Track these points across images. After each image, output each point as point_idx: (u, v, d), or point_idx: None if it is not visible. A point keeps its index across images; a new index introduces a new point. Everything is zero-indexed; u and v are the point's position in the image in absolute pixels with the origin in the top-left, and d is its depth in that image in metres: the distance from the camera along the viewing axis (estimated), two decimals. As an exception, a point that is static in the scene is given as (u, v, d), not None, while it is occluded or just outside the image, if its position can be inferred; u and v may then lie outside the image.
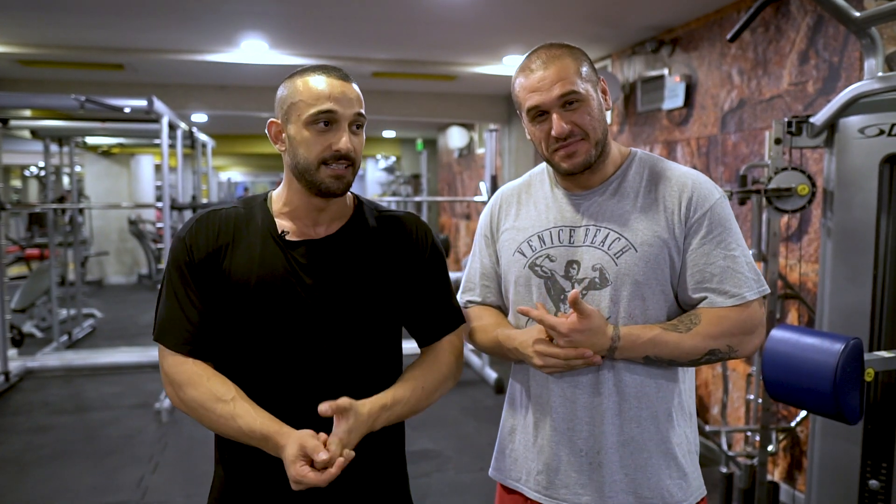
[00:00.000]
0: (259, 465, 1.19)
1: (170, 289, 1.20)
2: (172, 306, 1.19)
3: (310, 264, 1.20)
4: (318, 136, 1.15)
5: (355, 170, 1.19)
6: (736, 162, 3.57)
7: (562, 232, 1.31)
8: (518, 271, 1.33)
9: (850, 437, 2.05)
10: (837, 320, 2.12)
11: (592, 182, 1.32)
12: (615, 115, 4.85)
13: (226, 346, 1.20)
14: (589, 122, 1.24)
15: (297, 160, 1.18)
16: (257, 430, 1.11)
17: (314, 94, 1.15)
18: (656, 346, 1.21)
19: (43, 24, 4.16)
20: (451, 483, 3.41)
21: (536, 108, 1.24)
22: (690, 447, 1.33)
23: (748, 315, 1.23)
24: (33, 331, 6.75)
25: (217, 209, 1.25)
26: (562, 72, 1.22)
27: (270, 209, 1.25)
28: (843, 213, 2.11)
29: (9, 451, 3.87)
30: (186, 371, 1.17)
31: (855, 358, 1.49)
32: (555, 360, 1.21)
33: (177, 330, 1.17)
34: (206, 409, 1.14)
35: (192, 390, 1.15)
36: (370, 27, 4.26)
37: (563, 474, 1.29)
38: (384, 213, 1.32)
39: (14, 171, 14.94)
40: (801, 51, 3.12)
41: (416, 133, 11.07)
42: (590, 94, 1.24)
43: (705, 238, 1.24)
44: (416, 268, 1.30)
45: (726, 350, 1.23)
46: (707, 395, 3.84)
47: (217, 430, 1.16)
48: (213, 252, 1.19)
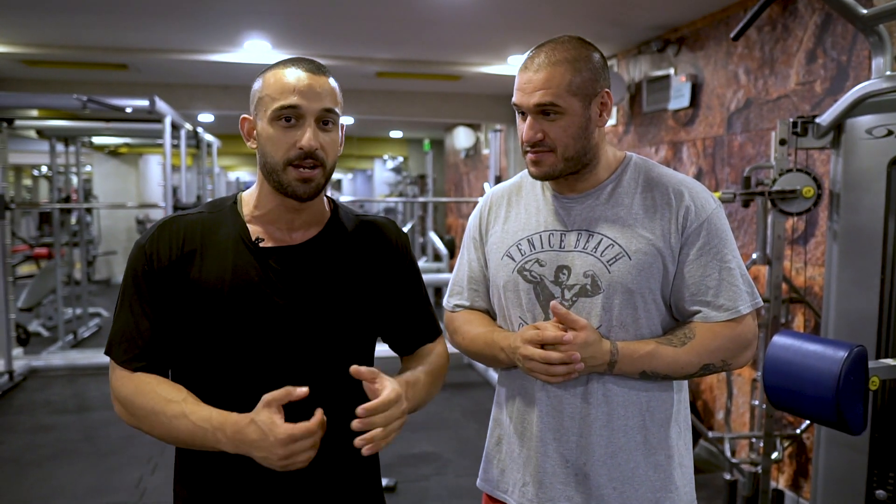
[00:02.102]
0: (224, 483, 1.14)
1: (124, 300, 1.13)
2: (126, 319, 1.12)
3: (286, 272, 1.14)
4: (283, 133, 1.09)
5: (326, 171, 1.12)
6: (742, 163, 3.51)
7: (552, 236, 1.27)
8: (506, 276, 1.29)
9: (857, 445, 2.00)
10: (843, 326, 2.07)
11: (584, 186, 1.28)
12: (621, 116, 4.80)
13: (195, 357, 1.14)
14: (560, 137, 1.20)
15: (265, 158, 1.12)
16: (214, 417, 1.05)
17: (279, 88, 1.09)
18: (653, 361, 1.19)
19: (47, 25, 4.17)
20: (450, 487, 3.37)
21: (518, 106, 1.23)
22: (682, 459, 1.29)
23: (742, 329, 1.22)
24: (40, 330, 6.77)
25: (181, 215, 1.19)
26: (549, 81, 1.18)
27: (241, 213, 1.18)
28: (850, 215, 2.06)
29: (8, 450, 3.87)
30: (133, 382, 1.11)
31: (858, 366, 1.44)
32: (539, 365, 1.16)
33: (127, 344, 1.11)
34: (156, 413, 1.07)
35: (140, 399, 1.09)
36: (373, 26, 4.24)
37: (548, 486, 1.25)
38: (362, 219, 1.27)
39: (25, 170, 15.05)
40: (809, 50, 3.06)
41: (423, 133, 11.04)
42: (573, 109, 1.19)
43: (702, 249, 1.22)
44: (396, 275, 1.25)
45: (720, 364, 1.23)
46: (712, 400, 3.78)
47: (170, 435, 1.09)
48: (177, 260, 1.12)
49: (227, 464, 1.11)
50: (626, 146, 4.73)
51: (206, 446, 1.07)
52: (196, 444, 1.08)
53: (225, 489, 1.15)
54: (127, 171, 11.44)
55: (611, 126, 4.93)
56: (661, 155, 4.29)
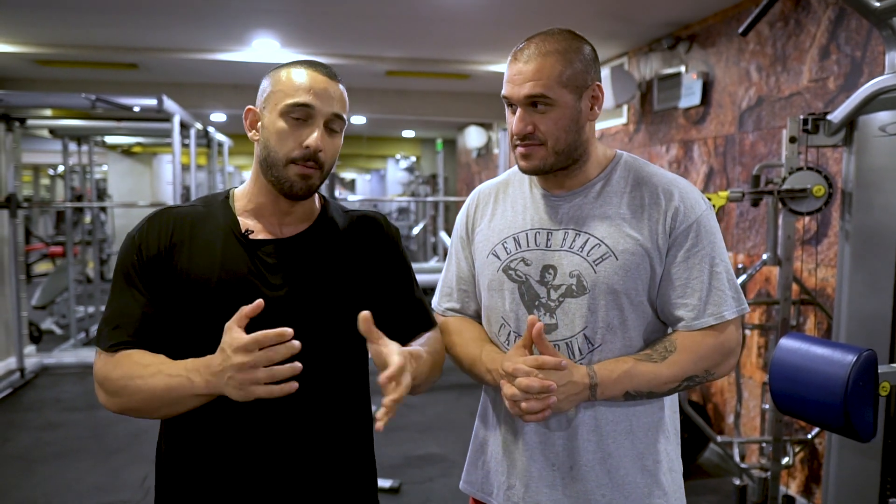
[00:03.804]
0: (213, 480, 1.12)
1: (114, 290, 1.14)
2: (114, 308, 1.13)
3: (277, 264, 1.14)
4: (292, 129, 1.11)
5: (323, 174, 1.14)
6: (754, 162, 3.45)
7: (539, 235, 1.24)
8: (491, 274, 1.27)
9: (869, 452, 1.95)
10: (856, 328, 2.02)
11: (573, 184, 1.24)
12: (631, 114, 4.74)
13: (183, 347, 1.13)
14: (551, 130, 1.17)
15: (267, 151, 1.13)
16: (188, 363, 1.04)
17: (294, 86, 1.12)
18: (634, 379, 1.15)
19: (59, 25, 4.20)
20: (455, 490, 3.33)
21: (507, 98, 1.20)
22: (672, 465, 1.26)
23: (724, 338, 1.19)
24: (53, 328, 6.83)
25: (172, 207, 1.20)
26: (540, 72, 1.15)
27: (233, 207, 1.19)
28: (863, 215, 2.01)
29: (17, 447, 3.90)
30: (113, 360, 1.09)
31: (868, 371, 1.40)
32: (520, 399, 1.10)
33: (112, 331, 1.11)
34: (132, 377, 1.05)
35: (116, 371, 1.08)
36: (381, 25, 4.22)
37: (534, 490, 1.22)
38: (352, 213, 1.28)
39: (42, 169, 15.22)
40: (822, 46, 2.99)
41: (435, 133, 11.02)
42: (564, 101, 1.16)
43: (690, 251, 1.18)
44: (387, 267, 1.25)
45: (703, 375, 1.19)
46: (722, 403, 3.72)
47: (149, 396, 1.06)
48: (164, 250, 1.13)
49: (216, 459, 1.10)
50: (636, 145, 4.67)
51: (182, 397, 1.05)
52: (173, 399, 1.05)
53: (214, 486, 1.13)
54: (141, 171, 11.52)
55: (621, 124, 4.88)
56: (672, 154, 4.23)
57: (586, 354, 1.19)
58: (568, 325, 1.20)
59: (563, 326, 1.20)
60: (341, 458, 1.18)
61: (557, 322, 1.20)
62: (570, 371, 1.12)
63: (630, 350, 1.20)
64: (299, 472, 1.13)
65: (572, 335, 1.19)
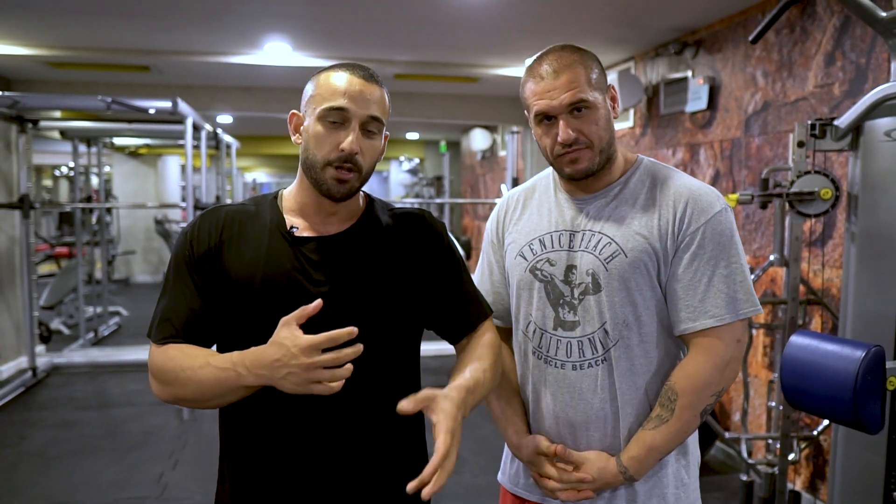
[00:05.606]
0: (270, 477, 1.15)
1: (166, 284, 1.18)
2: (166, 302, 1.16)
3: (321, 261, 1.16)
4: (329, 133, 1.13)
5: (362, 177, 1.16)
6: (760, 166, 3.51)
7: (562, 236, 1.31)
8: (520, 274, 1.34)
9: (874, 447, 2.00)
10: (861, 327, 2.07)
11: (596, 187, 1.31)
12: (638, 118, 4.81)
13: (230, 343, 1.16)
14: (595, 131, 1.23)
15: (307, 154, 1.16)
16: (235, 355, 1.06)
17: (331, 89, 1.14)
18: (659, 451, 1.24)
19: (71, 27, 4.25)
20: (467, 486, 3.40)
21: (544, 113, 1.24)
22: (680, 481, 1.31)
23: (717, 352, 1.22)
24: (61, 328, 6.88)
25: (224, 205, 1.23)
26: (573, 80, 1.21)
27: (280, 206, 1.23)
28: (868, 217, 2.06)
29: (33, 445, 3.95)
30: (165, 353, 1.12)
31: (876, 366, 1.45)
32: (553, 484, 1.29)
33: (164, 325, 1.14)
34: (183, 369, 1.09)
35: (169, 363, 1.11)
36: (391, 29, 4.28)
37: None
38: (396, 211, 1.29)
39: (45, 170, 15.26)
40: (828, 52, 3.05)
41: (439, 135, 11.07)
42: (598, 102, 1.23)
43: (696, 253, 1.22)
44: (437, 262, 1.26)
45: (714, 398, 1.25)
46: (728, 401, 3.78)
47: (198, 388, 1.09)
48: (214, 247, 1.17)
49: (272, 453, 1.12)
50: (643, 148, 4.73)
51: (231, 389, 1.07)
52: (223, 390, 1.08)
53: (270, 483, 1.16)
54: (146, 172, 11.58)
55: (628, 128, 4.94)
56: (679, 157, 4.29)
57: (608, 349, 1.25)
58: (589, 322, 1.26)
59: (586, 323, 1.26)
60: (392, 454, 1.20)
61: (580, 319, 1.27)
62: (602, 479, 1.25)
63: (648, 346, 1.25)
64: (353, 466, 1.16)
65: (593, 331, 1.26)
